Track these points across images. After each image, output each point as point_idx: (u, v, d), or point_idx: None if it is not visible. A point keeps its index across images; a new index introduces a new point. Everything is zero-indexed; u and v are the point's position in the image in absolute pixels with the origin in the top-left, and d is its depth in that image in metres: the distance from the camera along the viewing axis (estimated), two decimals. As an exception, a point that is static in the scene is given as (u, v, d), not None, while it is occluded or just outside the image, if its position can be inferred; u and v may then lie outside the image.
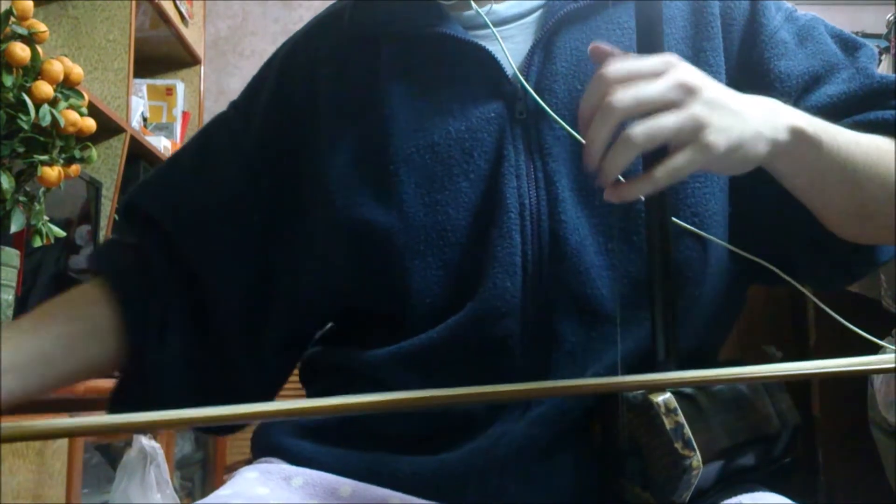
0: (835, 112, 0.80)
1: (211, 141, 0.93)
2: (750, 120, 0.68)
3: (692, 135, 0.65)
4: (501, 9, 0.84)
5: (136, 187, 0.94)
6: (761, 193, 0.80)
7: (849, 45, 0.86)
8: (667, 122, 0.64)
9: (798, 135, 0.70)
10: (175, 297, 0.86)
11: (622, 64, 0.66)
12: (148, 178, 0.95)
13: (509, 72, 0.80)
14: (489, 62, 0.81)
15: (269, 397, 0.91)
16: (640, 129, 0.64)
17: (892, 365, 0.62)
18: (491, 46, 0.81)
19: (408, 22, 0.84)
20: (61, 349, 0.83)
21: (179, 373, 0.85)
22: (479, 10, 0.83)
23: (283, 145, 0.87)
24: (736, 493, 0.76)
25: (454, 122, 0.80)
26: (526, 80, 0.79)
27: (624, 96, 0.64)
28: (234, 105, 0.95)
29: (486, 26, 0.82)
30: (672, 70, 0.66)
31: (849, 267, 0.84)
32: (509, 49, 0.81)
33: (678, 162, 0.65)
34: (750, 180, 0.80)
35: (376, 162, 0.81)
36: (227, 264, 0.86)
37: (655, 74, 0.66)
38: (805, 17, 0.87)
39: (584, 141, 0.75)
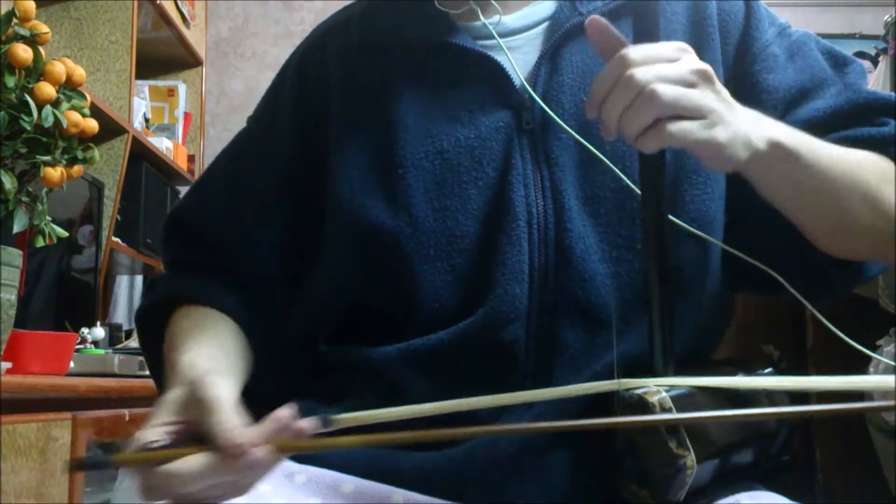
0: (821, 126, 0.81)
1: (239, 157, 0.95)
2: (741, 121, 0.71)
3: (704, 115, 0.68)
4: (509, 20, 0.85)
5: (175, 210, 0.97)
6: (749, 205, 0.82)
7: (839, 62, 0.88)
8: (692, 94, 0.68)
9: (775, 147, 0.72)
10: (258, 304, 0.89)
11: (642, 47, 0.69)
12: (183, 199, 0.98)
13: (517, 82, 0.82)
14: (497, 72, 0.82)
15: (297, 396, 0.93)
16: (669, 88, 0.67)
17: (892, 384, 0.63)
18: (499, 57, 0.82)
19: (416, 32, 0.86)
20: (237, 354, 0.83)
21: (279, 375, 0.89)
22: (487, 21, 0.84)
23: (306, 148, 0.89)
24: (734, 492, 0.76)
25: (463, 129, 0.81)
26: (533, 90, 0.81)
27: (646, 71, 0.67)
28: (253, 119, 0.97)
29: (493, 37, 0.83)
30: (688, 55, 0.70)
31: (833, 282, 0.86)
32: (516, 60, 0.82)
33: (689, 126, 0.68)
34: (739, 191, 0.81)
35: (385, 166, 0.82)
36: (268, 269, 0.89)
37: (673, 59, 0.69)
38: (797, 33, 0.89)
39: (591, 148, 0.78)
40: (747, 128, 0.70)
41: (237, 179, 0.93)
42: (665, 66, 0.68)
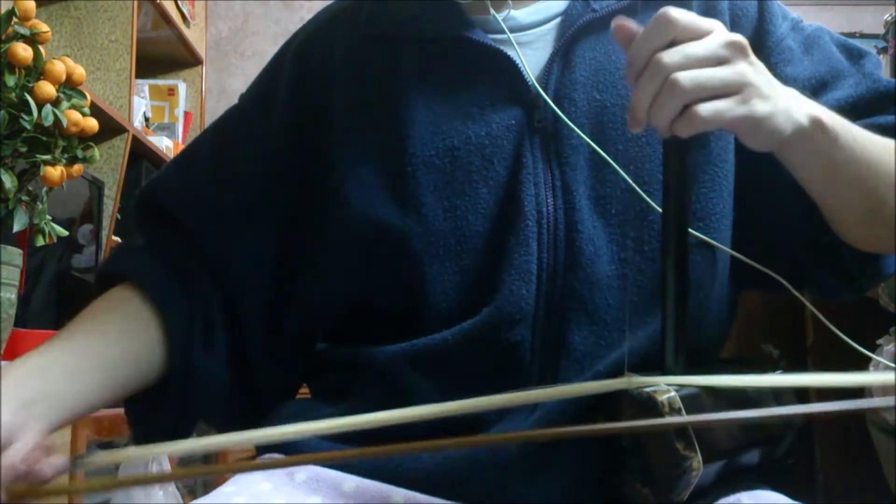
0: (844, 116, 0.79)
1: (229, 136, 0.92)
2: (781, 96, 0.69)
3: (737, 90, 0.65)
4: (521, 15, 0.84)
5: (152, 183, 0.93)
6: (773, 200, 0.81)
7: (853, 54, 0.87)
8: (716, 72, 0.65)
9: (817, 124, 0.71)
10: (210, 299, 0.86)
11: None
12: (163, 173, 0.94)
13: (529, 80, 0.80)
14: (510, 69, 0.81)
15: (291, 395, 0.92)
16: (689, 75, 0.64)
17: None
18: (511, 52, 0.81)
19: (429, 24, 0.84)
20: (121, 355, 0.81)
21: (223, 377, 0.86)
22: (498, 16, 0.83)
23: (303, 142, 0.87)
24: (735, 491, 0.76)
25: (474, 126, 0.80)
26: (545, 88, 0.80)
27: (673, 53, 0.65)
28: (247, 99, 0.94)
29: (504, 32, 0.82)
30: (720, 29, 0.67)
31: (855, 279, 0.85)
32: (528, 56, 0.81)
33: (722, 105, 0.65)
34: (762, 186, 0.81)
35: (394, 163, 0.81)
36: (249, 262, 0.87)
37: (704, 33, 0.66)
38: (810, 27, 0.89)
39: (601, 152, 0.77)
40: (788, 102, 0.69)
41: (223, 163, 0.90)
42: (693, 43, 0.65)
